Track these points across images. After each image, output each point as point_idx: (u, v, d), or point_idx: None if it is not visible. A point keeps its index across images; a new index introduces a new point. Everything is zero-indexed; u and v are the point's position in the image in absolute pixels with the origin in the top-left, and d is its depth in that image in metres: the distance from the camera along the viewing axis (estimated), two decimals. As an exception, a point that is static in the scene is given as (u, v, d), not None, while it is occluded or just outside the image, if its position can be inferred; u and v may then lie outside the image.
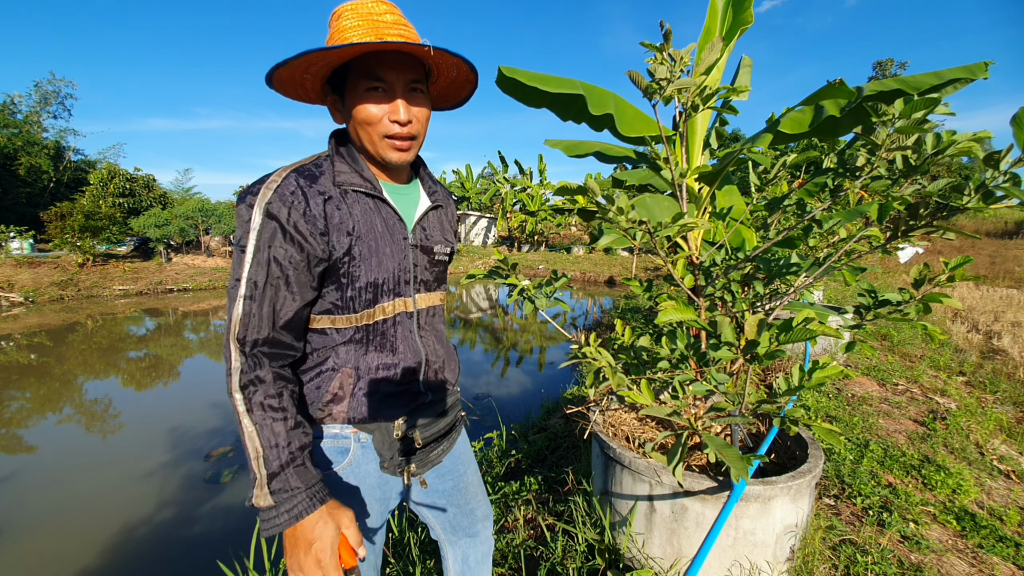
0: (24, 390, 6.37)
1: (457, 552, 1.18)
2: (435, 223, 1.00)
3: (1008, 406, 3.55)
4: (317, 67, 0.79)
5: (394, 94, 0.80)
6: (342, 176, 0.84)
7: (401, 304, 0.92)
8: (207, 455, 4.30)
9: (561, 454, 2.93)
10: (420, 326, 0.96)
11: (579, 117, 2.31)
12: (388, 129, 0.81)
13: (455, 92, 0.94)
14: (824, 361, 1.19)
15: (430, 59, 0.81)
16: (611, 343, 1.69)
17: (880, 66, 38.02)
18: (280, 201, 0.77)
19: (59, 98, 26.79)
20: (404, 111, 0.80)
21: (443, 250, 1.01)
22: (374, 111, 0.80)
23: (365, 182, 0.86)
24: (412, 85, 0.82)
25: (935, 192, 1.17)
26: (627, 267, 17.17)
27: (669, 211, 1.98)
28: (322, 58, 0.76)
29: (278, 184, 0.78)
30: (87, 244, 14.62)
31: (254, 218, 0.76)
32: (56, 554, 3.04)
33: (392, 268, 0.89)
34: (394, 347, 0.91)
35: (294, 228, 0.77)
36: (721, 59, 2.24)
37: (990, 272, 12.89)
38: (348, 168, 0.85)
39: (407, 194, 0.96)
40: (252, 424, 0.75)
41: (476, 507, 1.16)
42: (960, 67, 1.82)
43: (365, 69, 0.78)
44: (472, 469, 1.15)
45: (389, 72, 0.79)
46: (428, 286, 0.98)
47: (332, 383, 0.86)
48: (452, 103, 0.99)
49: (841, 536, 1.89)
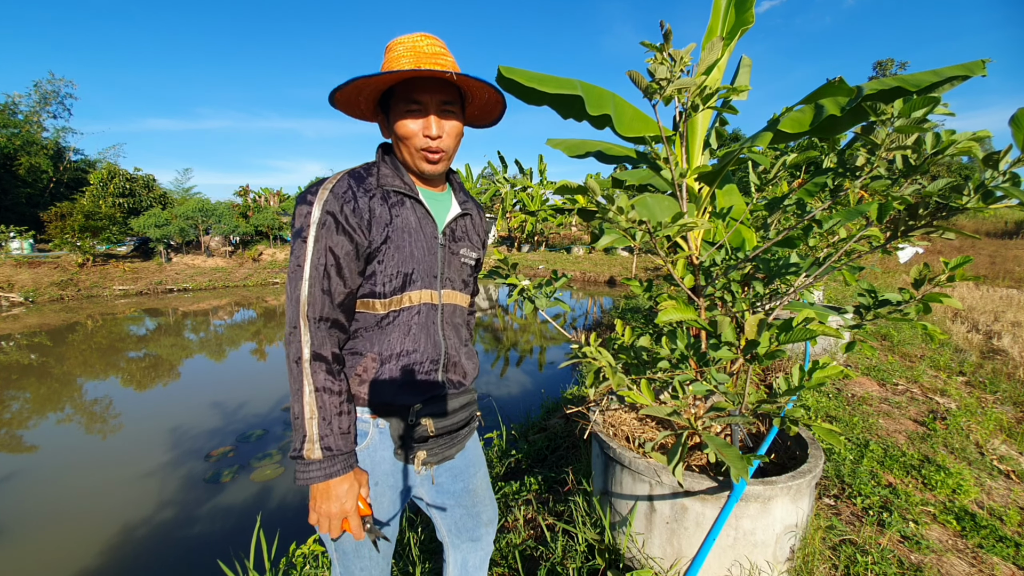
0: (24, 390, 6.37)
1: (458, 556, 1.22)
2: (464, 229, 1.11)
3: (1008, 406, 3.55)
4: (368, 91, 0.94)
5: (427, 113, 0.93)
6: (385, 179, 0.98)
7: (428, 295, 1.01)
8: (207, 455, 4.30)
9: (561, 454, 2.93)
10: (444, 320, 1.05)
11: (580, 116, 2.31)
12: (422, 143, 0.95)
13: (489, 112, 1.07)
14: (824, 361, 1.19)
15: (461, 83, 0.94)
16: (611, 343, 1.69)
17: (880, 66, 38.02)
18: (335, 199, 0.90)
19: (59, 98, 26.79)
20: (436, 127, 0.94)
21: (469, 254, 1.12)
22: (411, 127, 0.94)
23: (404, 185, 0.99)
24: (444, 107, 0.94)
25: (935, 192, 1.17)
26: (627, 267, 17.17)
27: (669, 211, 1.98)
28: (369, 83, 0.91)
29: (334, 184, 0.92)
30: (87, 244, 14.62)
31: (314, 212, 0.89)
32: (56, 554, 3.04)
33: (421, 261, 1.00)
34: (417, 335, 1.00)
35: (346, 221, 0.90)
36: (722, 59, 2.24)
37: (990, 272, 12.89)
38: (390, 173, 0.99)
39: (440, 200, 1.07)
40: (314, 392, 0.87)
41: (482, 511, 1.20)
42: (958, 65, 1.82)
43: (405, 93, 0.92)
44: (482, 473, 1.20)
45: (423, 95, 0.92)
46: (454, 284, 1.08)
47: (358, 366, 0.97)
48: (488, 121, 1.12)
49: (841, 536, 1.89)
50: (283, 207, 21.50)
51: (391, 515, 1.02)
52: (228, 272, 16.85)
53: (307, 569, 2.01)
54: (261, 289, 15.95)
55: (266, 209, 20.26)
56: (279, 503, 3.56)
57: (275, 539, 2.11)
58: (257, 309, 12.61)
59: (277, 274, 17.72)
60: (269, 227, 19.77)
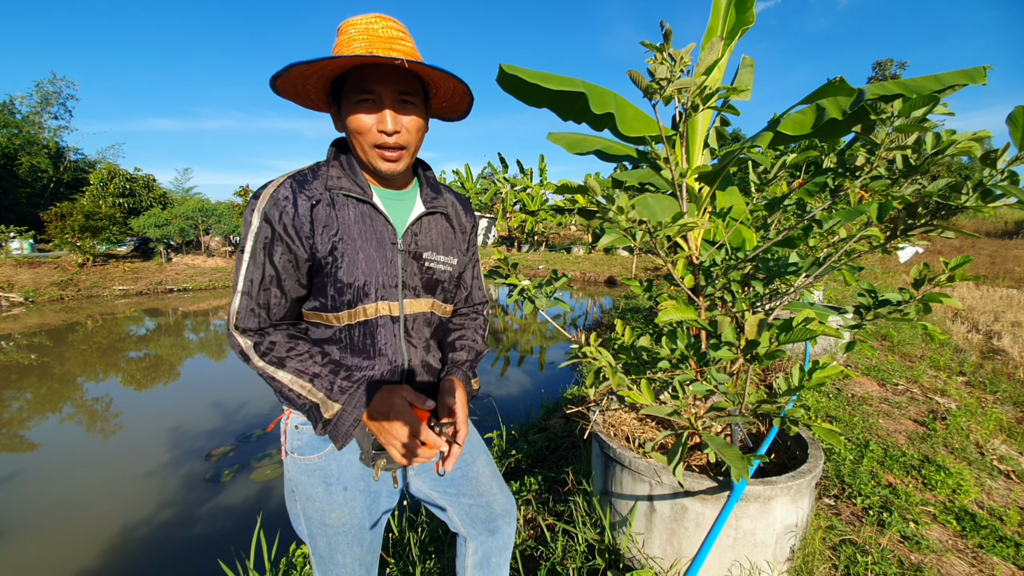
0: (24, 390, 6.37)
1: (478, 548, 1.14)
2: (431, 231, 1.00)
3: (1008, 406, 3.55)
4: (315, 78, 0.83)
5: (382, 105, 0.83)
6: (333, 181, 0.88)
7: (385, 307, 0.93)
8: (207, 455, 4.30)
9: (561, 454, 2.93)
10: (408, 331, 0.97)
11: (580, 117, 2.31)
12: (377, 139, 0.85)
13: (456, 104, 0.96)
14: (824, 361, 1.19)
15: (418, 72, 0.83)
16: (611, 343, 1.69)
17: (880, 66, 38.01)
18: (274, 206, 0.83)
19: (60, 98, 26.78)
20: (391, 121, 0.83)
21: (435, 258, 1.00)
22: (364, 120, 0.84)
23: (356, 187, 0.89)
24: (402, 97, 0.84)
25: (935, 192, 1.17)
26: (627, 267, 17.17)
27: (669, 211, 1.98)
28: (311, 69, 0.79)
29: (274, 190, 0.85)
30: (87, 244, 14.62)
31: (253, 221, 0.84)
32: (56, 554, 3.04)
33: (376, 271, 0.91)
34: (375, 350, 0.93)
35: (284, 231, 0.83)
36: (722, 59, 2.23)
37: (990, 272, 12.89)
38: (341, 174, 0.90)
39: (401, 200, 0.97)
40: (287, 372, 0.83)
41: (493, 500, 1.12)
42: (960, 71, 1.83)
43: (356, 81, 0.82)
44: (483, 460, 1.13)
45: (377, 84, 0.82)
46: (418, 292, 0.98)
47: None
48: (457, 114, 1.01)
49: (841, 536, 1.89)
50: (283, 207, 21.44)
51: (368, 521, 0.97)
52: (228, 272, 16.84)
53: (307, 569, 2.01)
54: (261, 289, 15.93)
55: (266, 209, 20.22)
56: (279, 503, 3.56)
57: (275, 539, 2.11)
58: (257, 309, 12.58)
59: (277, 274, 17.70)
60: (269, 227, 19.73)
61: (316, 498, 0.93)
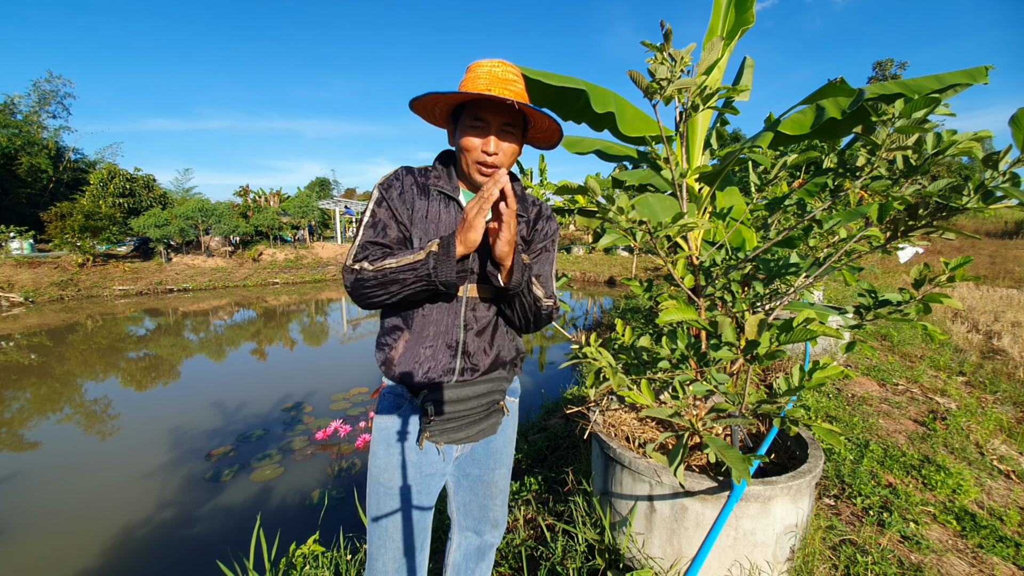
0: (24, 390, 6.37)
1: (462, 543, 1.31)
2: None
3: (1008, 406, 3.55)
4: (442, 103, 1.07)
5: (489, 131, 1.04)
6: (432, 179, 1.11)
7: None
8: (207, 455, 4.30)
9: (561, 454, 2.93)
10: (468, 311, 1.12)
11: (580, 116, 2.31)
12: (480, 157, 1.06)
13: (548, 137, 1.17)
14: (824, 361, 1.19)
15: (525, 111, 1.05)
16: (611, 343, 1.69)
17: (880, 66, 37.98)
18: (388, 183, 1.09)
19: (58, 97, 26.81)
20: (494, 145, 1.04)
21: None
22: (473, 141, 1.05)
23: (448, 186, 1.11)
24: (505, 127, 1.05)
25: (935, 192, 1.17)
26: (627, 267, 17.17)
27: (669, 211, 1.98)
28: (442, 98, 1.04)
29: (393, 173, 1.12)
30: (87, 244, 14.62)
31: (374, 193, 1.09)
32: (57, 553, 3.04)
33: None
34: (439, 322, 1.10)
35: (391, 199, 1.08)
36: (722, 59, 2.24)
37: (990, 272, 12.90)
38: (439, 175, 1.13)
39: None
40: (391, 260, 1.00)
41: (490, 507, 1.26)
42: (961, 71, 1.82)
43: (473, 109, 1.04)
44: (502, 473, 1.26)
45: (488, 114, 1.03)
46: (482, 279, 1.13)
47: (399, 342, 1.09)
48: (548, 145, 1.22)
49: (841, 536, 1.89)
50: (283, 207, 21.51)
51: (413, 492, 1.11)
52: (228, 272, 16.85)
53: (307, 569, 2.01)
54: (261, 289, 15.96)
55: (266, 209, 20.25)
56: (279, 503, 3.56)
57: (275, 539, 2.11)
58: (257, 309, 12.61)
59: (277, 274, 17.71)
60: (269, 227, 19.76)
61: (378, 455, 1.12)
